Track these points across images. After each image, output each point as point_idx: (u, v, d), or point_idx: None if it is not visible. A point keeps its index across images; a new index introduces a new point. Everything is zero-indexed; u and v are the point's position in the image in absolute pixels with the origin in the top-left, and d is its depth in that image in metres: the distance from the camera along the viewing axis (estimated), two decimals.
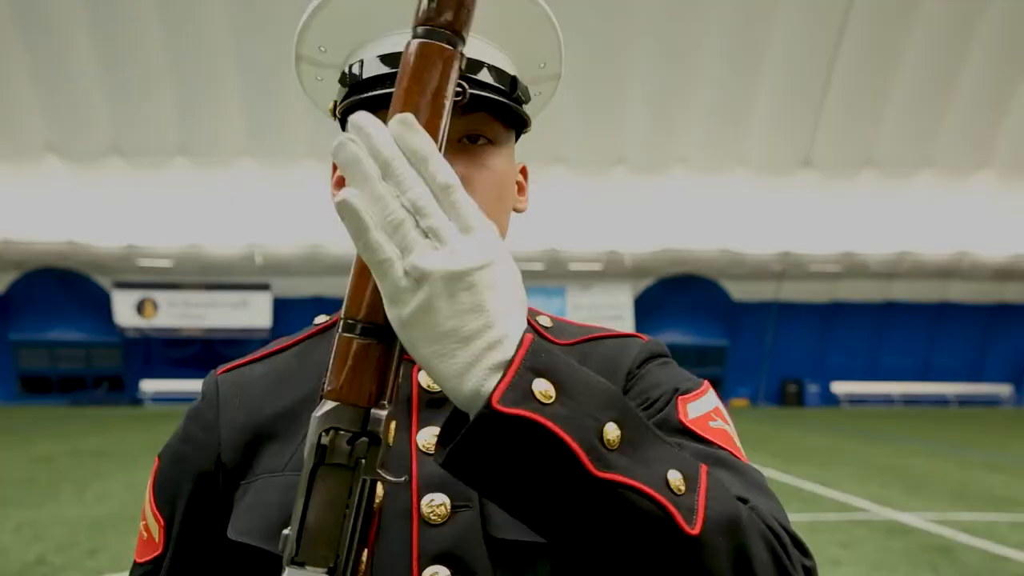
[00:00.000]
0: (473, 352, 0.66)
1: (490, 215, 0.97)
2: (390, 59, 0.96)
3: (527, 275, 30.70)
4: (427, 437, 0.95)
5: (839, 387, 34.81)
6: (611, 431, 0.68)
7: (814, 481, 11.72)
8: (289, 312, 30.35)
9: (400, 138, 0.66)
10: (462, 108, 0.95)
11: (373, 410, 0.67)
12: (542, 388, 0.66)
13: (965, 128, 29.54)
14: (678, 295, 33.89)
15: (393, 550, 0.91)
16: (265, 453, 0.98)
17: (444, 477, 0.90)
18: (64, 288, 32.28)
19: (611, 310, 32.16)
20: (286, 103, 24.73)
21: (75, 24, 25.34)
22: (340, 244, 27.30)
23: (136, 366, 33.27)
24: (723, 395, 34.03)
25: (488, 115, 0.99)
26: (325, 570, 0.67)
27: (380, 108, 0.95)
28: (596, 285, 32.94)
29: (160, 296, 32.14)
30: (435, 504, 0.91)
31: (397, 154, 0.66)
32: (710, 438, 0.91)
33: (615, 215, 29.98)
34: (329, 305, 1.10)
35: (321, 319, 1.13)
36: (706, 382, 1.02)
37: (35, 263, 31.43)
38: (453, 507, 0.92)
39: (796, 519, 8.76)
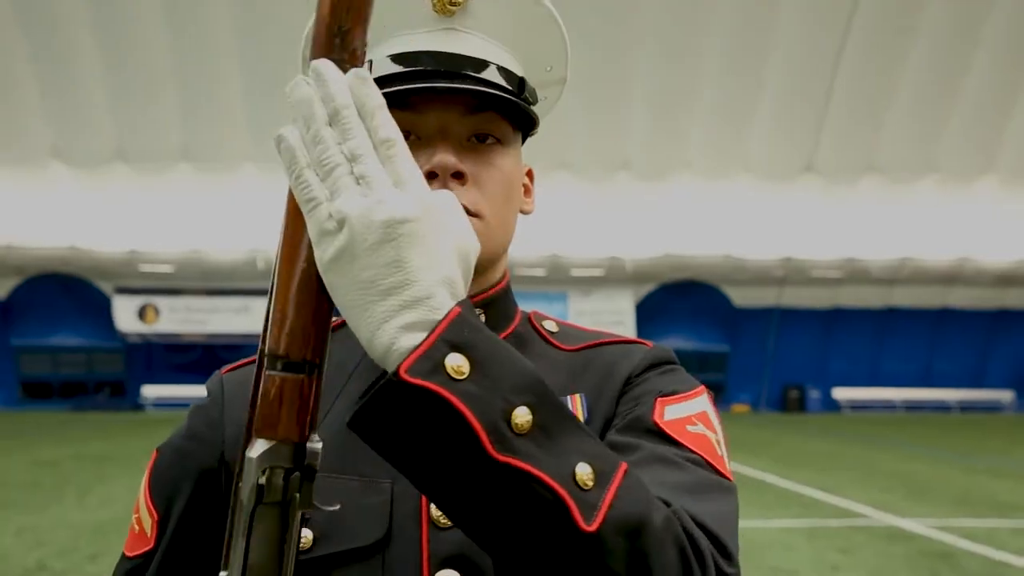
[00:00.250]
0: (388, 307, 0.66)
1: (498, 214, 1.00)
2: (401, 58, 0.97)
3: (528, 281, 30.76)
4: None
5: (841, 393, 34.74)
6: (521, 415, 0.67)
7: (815, 487, 11.71)
8: None
9: (353, 88, 0.69)
10: (471, 107, 0.97)
11: (309, 446, 0.68)
12: (455, 363, 0.66)
13: (968, 134, 29.53)
14: (680, 301, 33.86)
15: (403, 553, 0.90)
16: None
17: None
18: (66, 293, 32.29)
19: (613, 316, 32.13)
20: (278, 115, 24.67)
21: (79, 30, 25.39)
22: None
23: (138, 372, 33.26)
24: (724, 401, 34.01)
25: (497, 114, 0.99)
26: None
27: (391, 107, 0.97)
28: (598, 291, 32.93)
29: (162, 302, 32.13)
30: None
31: (348, 103, 0.68)
32: (682, 441, 0.90)
33: (617, 221, 29.98)
34: None
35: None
36: (702, 387, 1.02)
37: (37, 268, 31.45)
38: None
39: (796, 524, 8.78)
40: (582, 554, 0.68)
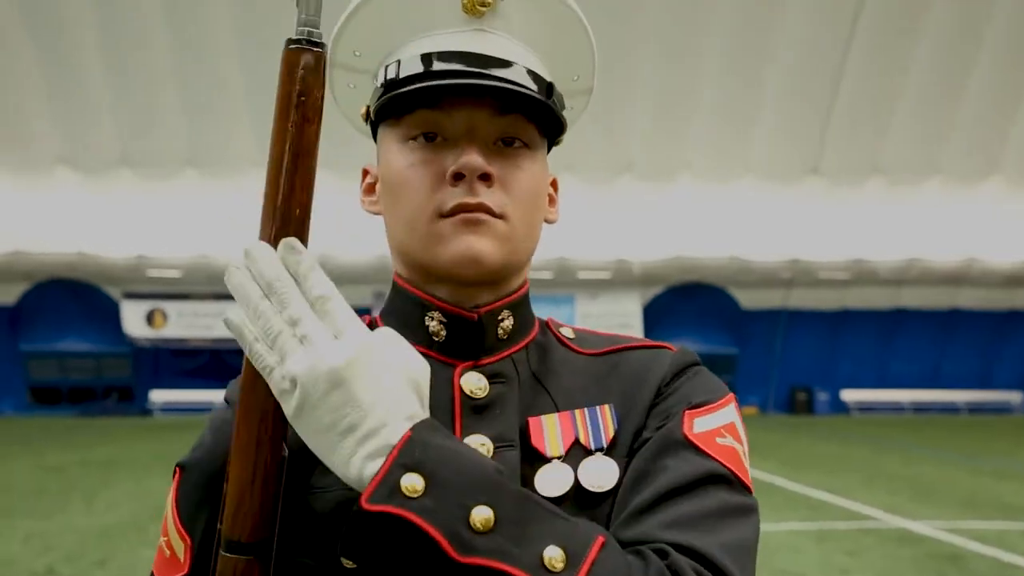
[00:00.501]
0: (352, 443, 0.75)
1: (524, 218, 1.01)
2: (429, 58, 0.96)
3: (536, 284, 30.68)
4: (474, 446, 0.94)
5: (848, 395, 34.69)
6: (480, 514, 0.73)
7: (823, 489, 11.69)
8: None
9: (284, 259, 0.80)
10: (499, 109, 0.97)
11: None
12: (410, 483, 0.73)
13: (973, 134, 29.46)
14: (687, 303, 33.84)
15: None
16: (299, 464, 0.96)
17: None
18: (74, 299, 32.39)
19: (620, 318, 32.13)
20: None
21: (85, 36, 25.48)
22: (349, 253, 27.36)
23: (145, 376, 33.36)
24: None
25: (524, 118, 0.99)
26: None
27: (416, 107, 0.98)
28: (605, 293, 32.92)
29: (169, 306, 32.22)
30: (484, 516, 0.92)
31: (278, 275, 0.79)
32: (712, 454, 0.91)
33: (623, 223, 29.97)
34: None
35: None
36: (730, 395, 1.02)
37: (45, 274, 31.54)
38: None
39: (804, 527, 8.76)
40: None
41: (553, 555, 0.73)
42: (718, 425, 0.95)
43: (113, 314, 32.20)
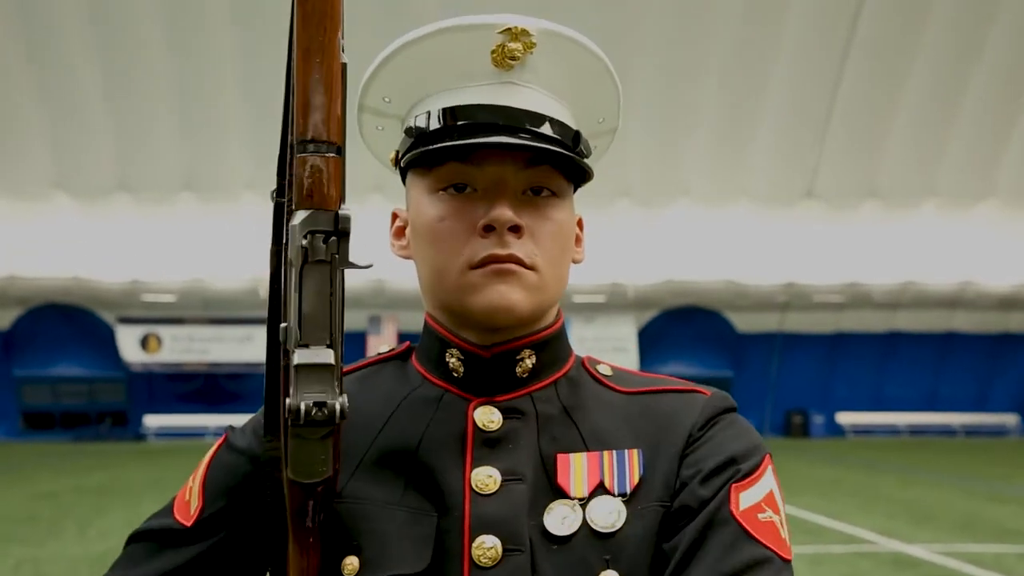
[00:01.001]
0: None
1: (554, 266, 1.03)
2: (460, 112, 0.98)
3: None
4: (481, 477, 0.97)
5: (844, 418, 34.62)
6: None
7: (819, 513, 11.65)
8: None
9: None
10: (527, 161, 0.99)
11: (340, 212, 0.79)
12: None
13: (968, 157, 29.59)
14: (682, 327, 33.83)
15: None
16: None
17: (496, 518, 0.95)
18: (68, 324, 32.29)
19: (615, 342, 32.10)
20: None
21: (81, 61, 25.56)
22: (347, 279, 27.33)
23: (140, 401, 33.21)
24: None
25: (552, 168, 1.00)
26: (325, 345, 0.79)
27: (446, 159, 0.99)
28: (599, 317, 32.90)
29: (164, 331, 32.13)
30: (486, 547, 0.92)
31: None
32: (757, 536, 0.92)
33: (618, 247, 30.00)
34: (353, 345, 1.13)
35: (384, 348, 1.17)
36: (767, 457, 1.01)
37: (40, 299, 31.47)
38: (504, 551, 0.93)
39: (801, 551, 8.73)
40: None
41: None
42: (759, 499, 0.96)
43: (107, 339, 32.09)
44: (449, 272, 0.99)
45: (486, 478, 0.96)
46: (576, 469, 0.98)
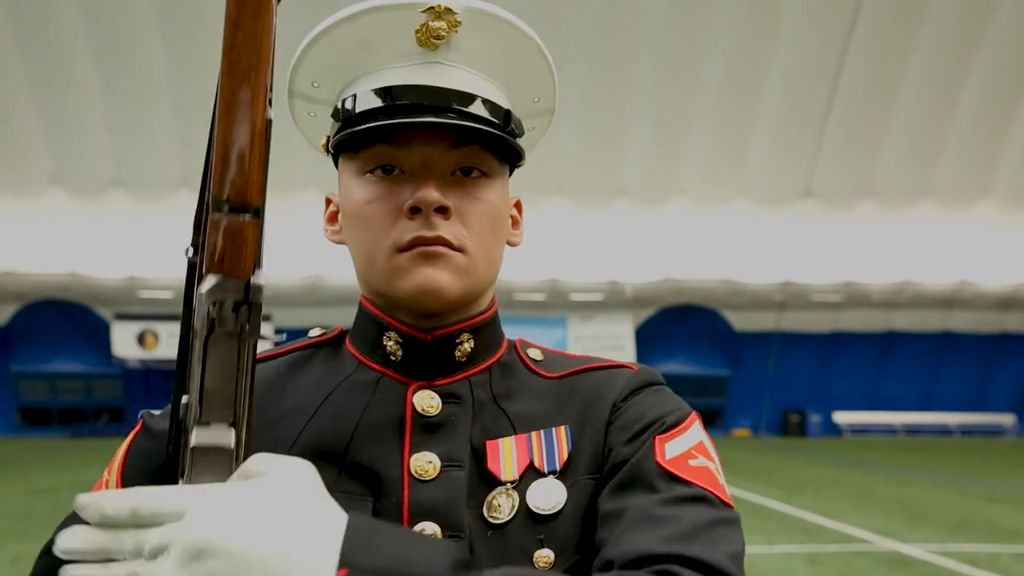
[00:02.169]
0: None
1: (484, 248, 1.01)
2: (384, 92, 0.97)
3: (527, 306, 30.75)
4: (420, 462, 0.96)
5: (841, 417, 34.65)
6: None
7: (815, 512, 11.66)
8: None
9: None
10: (455, 141, 0.98)
11: (252, 280, 0.70)
12: None
13: (965, 157, 29.61)
14: (679, 325, 33.83)
15: None
16: None
17: (435, 505, 0.93)
18: (65, 320, 32.27)
19: (612, 340, 32.09)
20: (286, 135, 24.75)
21: (78, 58, 25.52)
22: (341, 275, 27.32)
23: (136, 398, 33.18)
24: (725, 425, 33.92)
25: (482, 148, 1.00)
26: (228, 424, 0.69)
27: (373, 141, 0.98)
28: (597, 315, 32.89)
29: (161, 328, 32.11)
30: (426, 533, 0.90)
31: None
32: (688, 478, 0.90)
33: (616, 245, 30.00)
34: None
35: (315, 332, 1.14)
36: (693, 414, 1.01)
37: (37, 295, 31.43)
38: (444, 537, 0.92)
39: (797, 550, 8.73)
40: None
41: None
42: (688, 447, 0.95)
43: (104, 335, 32.07)
44: (377, 255, 0.99)
45: (425, 463, 0.95)
46: (505, 453, 0.97)
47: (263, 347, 0.86)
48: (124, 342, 31.90)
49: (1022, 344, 34.94)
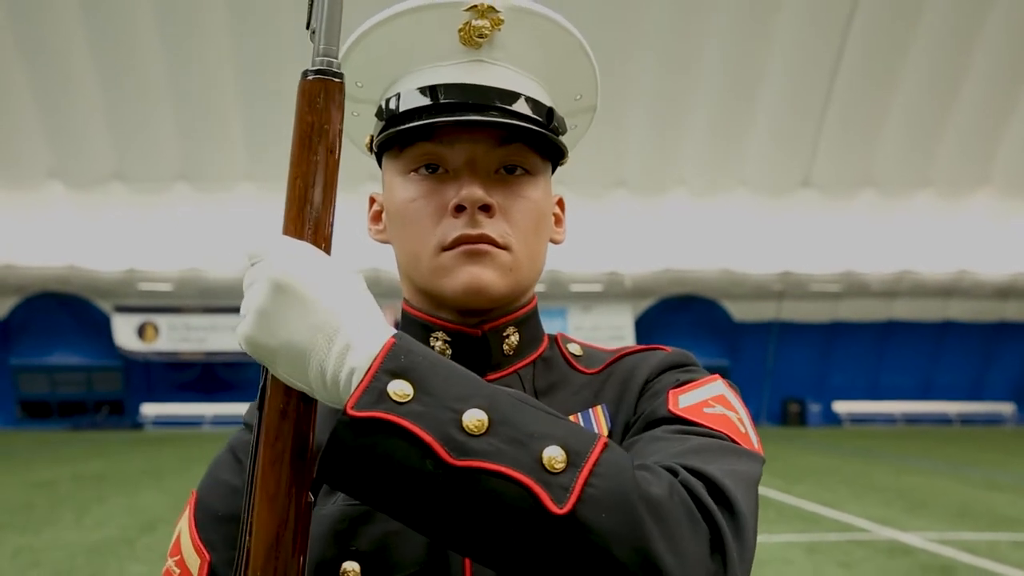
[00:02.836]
0: (334, 355, 0.72)
1: (528, 246, 1.01)
2: (428, 91, 0.97)
3: None
4: None
5: (841, 406, 34.70)
6: (473, 417, 0.70)
7: (815, 501, 11.68)
8: None
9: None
10: (499, 139, 0.98)
11: None
12: (398, 388, 0.70)
13: (964, 146, 29.61)
14: (679, 316, 33.86)
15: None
16: None
17: None
18: (65, 312, 32.27)
19: (612, 331, 32.12)
20: (287, 128, 24.59)
21: (77, 51, 25.48)
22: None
23: (137, 390, 33.22)
24: None
25: (525, 146, 1.00)
26: None
27: (417, 140, 0.99)
28: (597, 306, 32.93)
29: (161, 320, 32.11)
30: None
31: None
32: (701, 422, 0.89)
33: (615, 236, 30.01)
34: None
35: None
36: (716, 375, 1.02)
37: (36, 288, 31.45)
38: None
39: (796, 539, 8.76)
40: (560, 538, 0.68)
41: (553, 454, 0.69)
42: (706, 397, 0.94)
43: (104, 327, 32.09)
44: (422, 254, 0.99)
45: None
46: None
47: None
48: (124, 334, 31.91)
49: (1021, 333, 34.99)
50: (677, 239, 30.71)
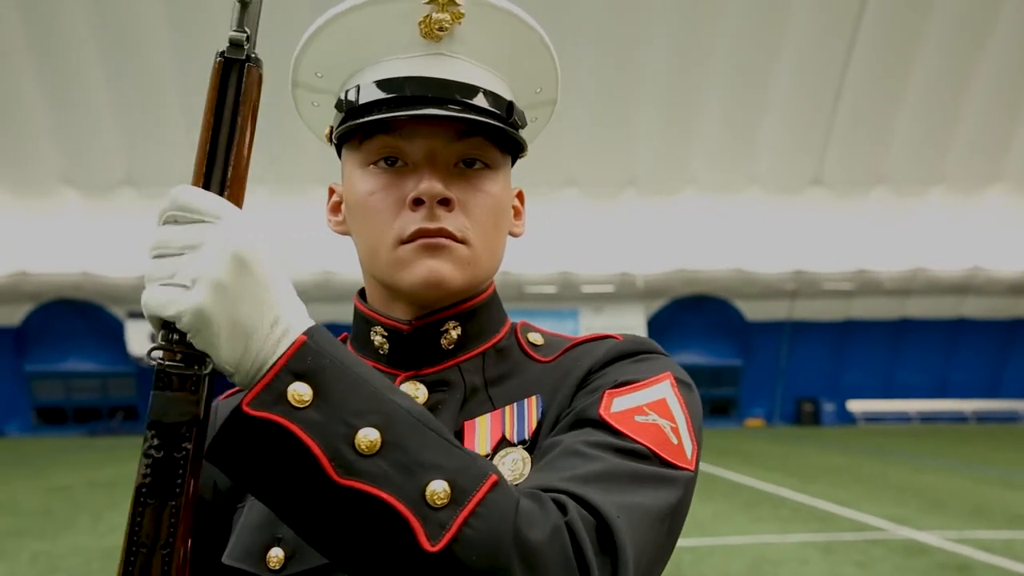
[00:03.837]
0: (271, 342, 0.72)
1: (486, 239, 1.01)
2: (387, 84, 0.97)
3: (539, 298, 30.75)
4: None
5: (855, 405, 34.57)
6: (367, 436, 0.69)
7: (830, 500, 11.64)
8: None
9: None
10: (458, 133, 0.97)
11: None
12: (298, 391, 0.69)
13: (977, 143, 29.47)
14: (691, 316, 33.79)
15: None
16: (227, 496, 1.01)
17: None
18: (79, 319, 32.40)
19: (624, 331, 32.03)
20: (295, 130, 24.77)
21: (88, 57, 25.59)
22: (352, 271, 27.34)
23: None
24: (738, 415, 33.91)
25: (484, 140, 0.99)
26: None
27: (376, 133, 0.98)
28: (609, 307, 32.88)
29: None
30: None
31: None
32: (628, 433, 0.87)
33: (627, 237, 29.97)
34: (343, 331, 1.13)
35: None
36: (666, 374, 0.98)
37: (50, 295, 31.58)
38: None
39: (812, 539, 8.73)
40: (428, 574, 0.68)
41: (437, 489, 0.69)
42: (640, 403, 0.92)
43: (118, 334, 32.20)
44: (381, 247, 0.99)
45: None
46: (480, 430, 0.97)
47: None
48: (137, 340, 32.00)
49: None
50: (689, 239, 30.65)
